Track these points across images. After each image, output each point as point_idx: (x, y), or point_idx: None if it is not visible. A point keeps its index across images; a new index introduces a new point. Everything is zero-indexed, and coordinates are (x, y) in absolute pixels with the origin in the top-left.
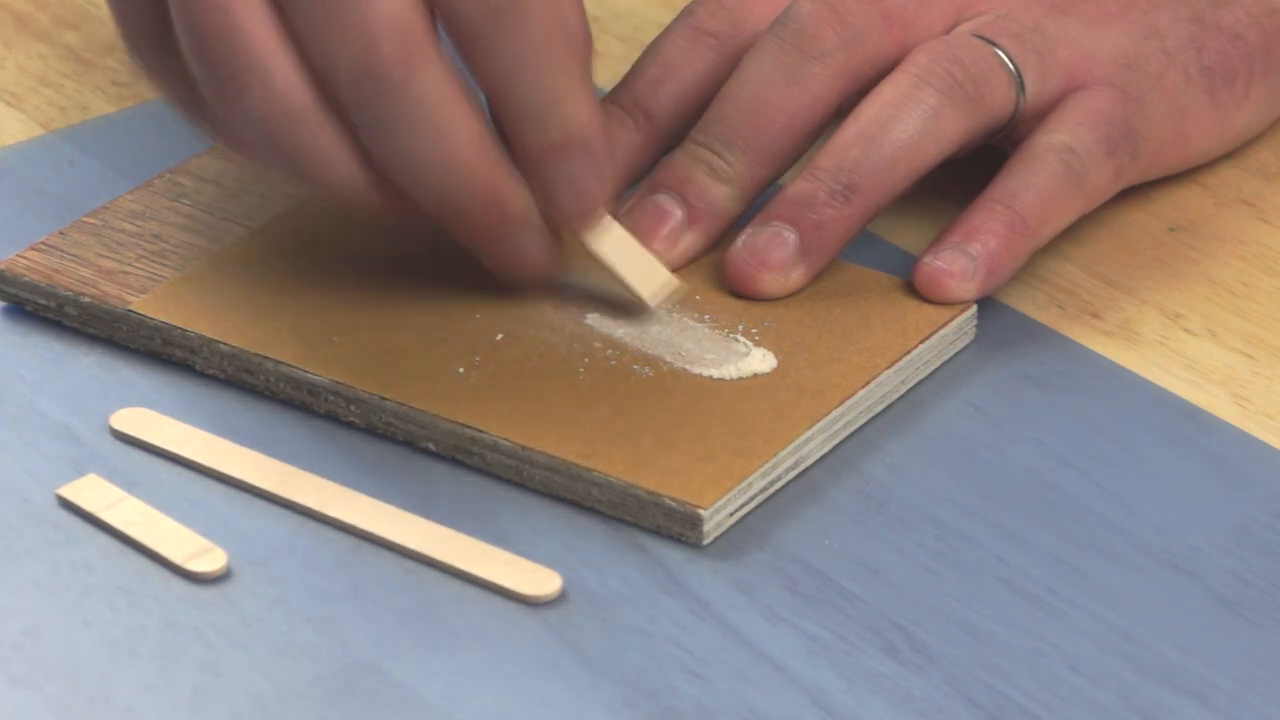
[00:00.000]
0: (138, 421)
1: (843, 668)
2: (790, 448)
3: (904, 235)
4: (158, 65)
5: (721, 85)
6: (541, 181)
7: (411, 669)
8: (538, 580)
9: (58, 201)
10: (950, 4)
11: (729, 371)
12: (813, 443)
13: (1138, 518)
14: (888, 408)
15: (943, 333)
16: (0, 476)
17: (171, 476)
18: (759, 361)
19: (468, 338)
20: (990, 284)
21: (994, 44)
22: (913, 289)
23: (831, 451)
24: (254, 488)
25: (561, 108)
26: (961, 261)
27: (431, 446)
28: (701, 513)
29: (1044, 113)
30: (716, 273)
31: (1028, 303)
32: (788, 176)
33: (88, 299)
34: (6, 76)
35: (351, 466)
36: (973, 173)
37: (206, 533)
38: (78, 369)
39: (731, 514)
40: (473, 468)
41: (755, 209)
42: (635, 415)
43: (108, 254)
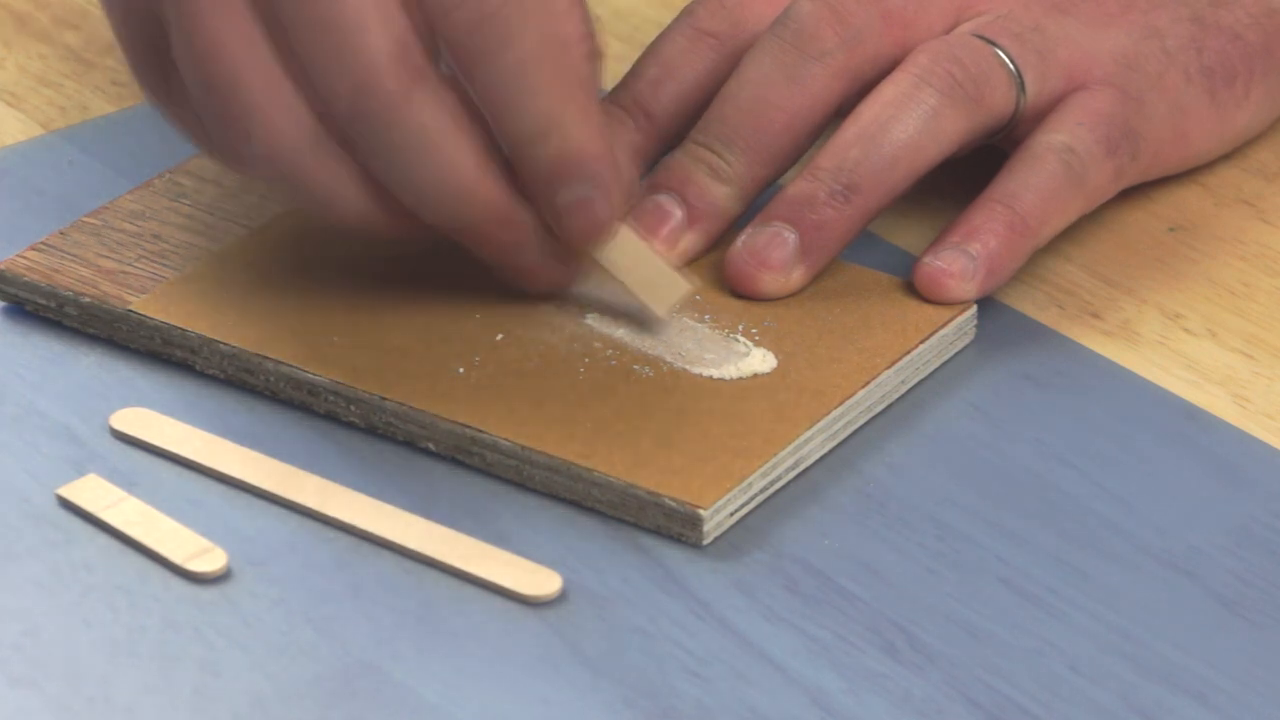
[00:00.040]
0: (138, 421)
1: (843, 668)
2: (790, 448)
3: (904, 235)
4: (166, 100)
5: (721, 85)
6: (546, 204)
7: (411, 669)
8: (538, 580)
9: (58, 201)
10: (950, 4)
11: (729, 371)
12: (813, 443)
13: (1138, 518)
14: (888, 408)
15: (943, 333)
16: (0, 476)
17: (171, 476)
18: (759, 361)
19: (468, 338)
20: (990, 284)
21: (994, 44)
22: (913, 289)
23: (831, 451)
24: (254, 488)
25: (559, 130)
26: (961, 261)
27: (431, 446)
28: (701, 513)
29: (1044, 113)
30: (716, 273)
31: (1028, 303)
32: (788, 176)
33: (88, 299)
34: (6, 76)
35: (351, 466)
36: (973, 173)
37: (206, 533)
38: (78, 369)
39: (731, 514)
40: (473, 468)
41: (755, 209)
42: (635, 415)
43: (108, 254)
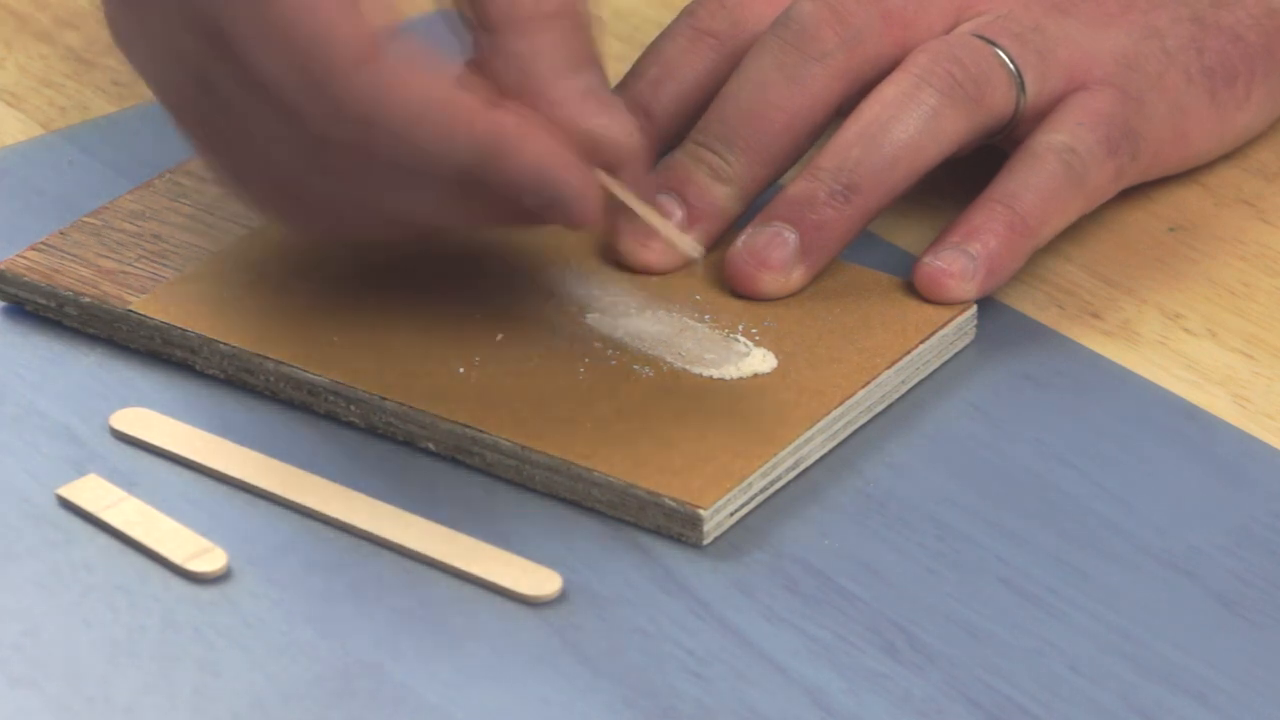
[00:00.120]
0: (138, 421)
1: (843, 668)
2: (790, 448)
3: (904, 235)
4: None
5: (721, 85)
6: (530, 50)
7: (411, 669)
8: (538, 580)
9: (58, 201)
10: (950, 4)
11: (729, 371)
12: (813, 443)
13: (1138, 518)
14: (888, 408)
15: (943, 333)
16: (0, 476)
17: (171, 476)
18: (759, 361)
19: (468, 338)
20: (990, 284)
21: (994, 44)
22: (913, 289)
23: (831, 451)
24: (254, 488)
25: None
26: (961, 261)
27: (431, 446)
28: (701, 513)
29: (1044, 113)
30: (716, 273)
31: (1028, 303)
32: (788, 176)
33: (88, 299)
34: (6, 76)
35: (351, 466)
36: (973, 173)
37: (206, 533)
38: (78, 369)
39: (731, 514)
40: (473, 468)
41: (755, 209)
42: (635, 415)
43: (108, 254)
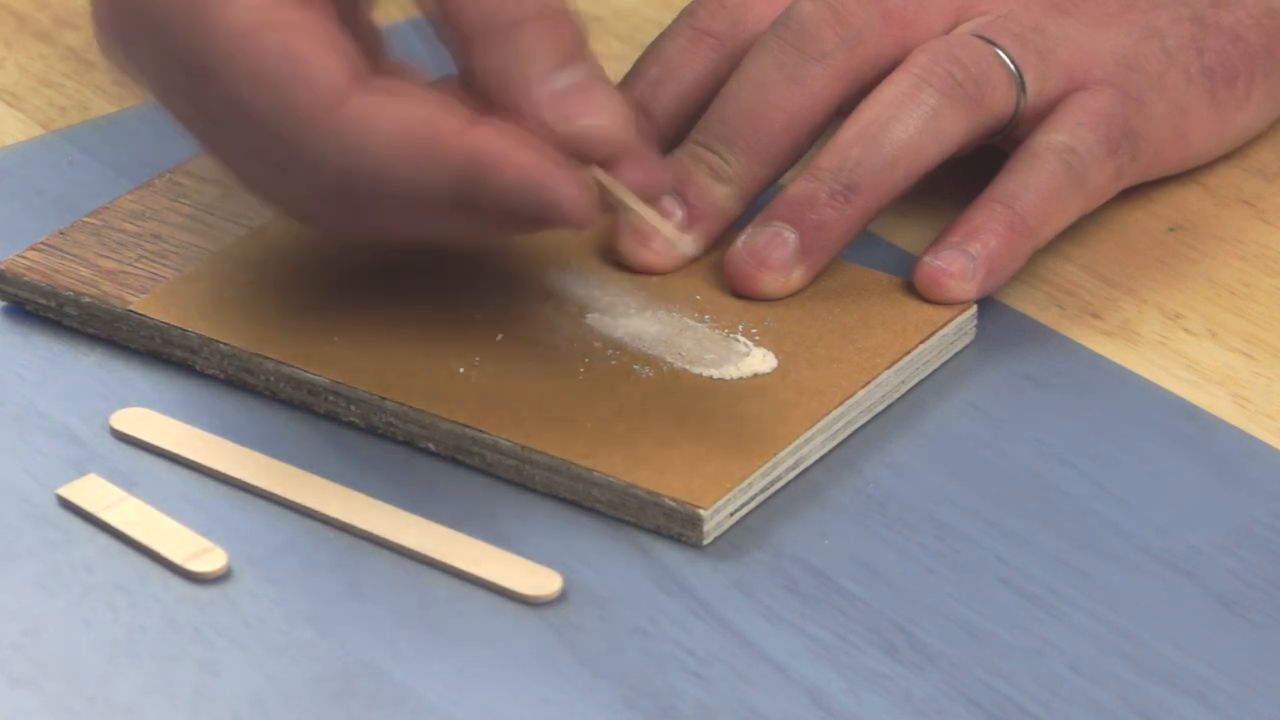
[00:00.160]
0: (138, 421)
1: (843, 668)
2: (790, 448)
3: (904, 235)
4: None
5: (721, 85)
6: (513, 56)
7: (411, 669)
8: (538, 580)
9: (58, 201)
10: (950, 4)
11: (729, 371)
12: (813, 443)
13: (1138, 518)
14: (888, 408)
15: (943, 333)
16: (0, 476)
17: (171, 476)
18: (759, 361)
19: (468, 338)
20: (990, 284)
21: (994, 44)
22: (913, 289)
23: (831, 451)
24: (254, 488)
25: None
26: (961, 261)
27: (431, 446)
28: (701, 513)
29: (1044, 113)
30: (716, 273)
31: (1028, 303)
32: (788, 176)
33: (88, 299)
34: (6, 76)
35: (351, 466)
36: (973, 173)
37: (206, 533)
38: (78, 369)
39: (731, 514)
40: (473, 468)
41: (755, 209)
42: (635, 415)
43: (108, 254)
